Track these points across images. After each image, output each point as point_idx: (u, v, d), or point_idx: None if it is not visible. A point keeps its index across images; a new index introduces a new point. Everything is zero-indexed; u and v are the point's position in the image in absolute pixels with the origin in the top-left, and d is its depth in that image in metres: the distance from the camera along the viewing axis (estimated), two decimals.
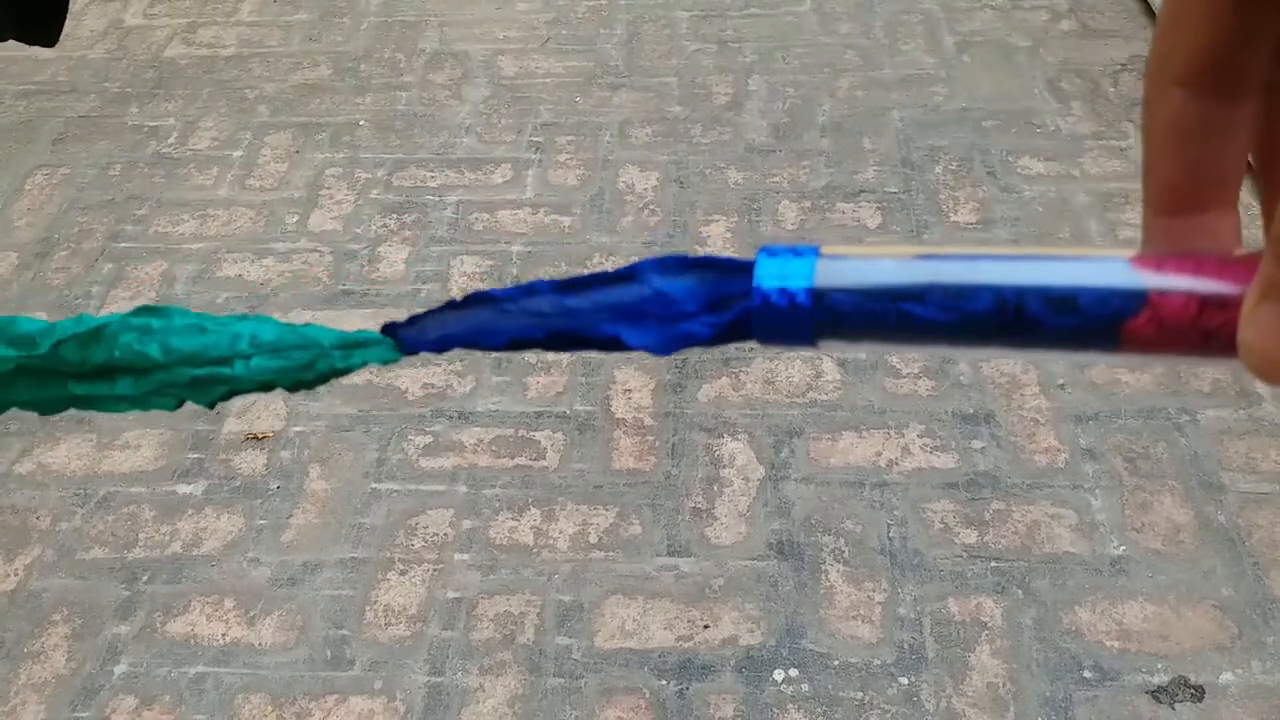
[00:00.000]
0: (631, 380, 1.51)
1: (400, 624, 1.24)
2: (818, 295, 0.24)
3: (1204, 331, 0.21)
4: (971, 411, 1.45)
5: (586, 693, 1.17)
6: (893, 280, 0.23)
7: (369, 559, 1.31)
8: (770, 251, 0.25)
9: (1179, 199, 0.24)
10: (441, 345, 0.28)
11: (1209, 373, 1.47)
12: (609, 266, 1.69)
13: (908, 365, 1.52)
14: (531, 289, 0.28)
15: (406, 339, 0.28)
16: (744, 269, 0.26)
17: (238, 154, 1.96)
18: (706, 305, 0.26)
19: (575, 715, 1.15)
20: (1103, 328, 0.22)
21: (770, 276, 0.25)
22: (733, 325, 0.26)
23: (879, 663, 1.18)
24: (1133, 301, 0.22)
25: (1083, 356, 0.23)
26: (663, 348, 0.26)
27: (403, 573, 1.29)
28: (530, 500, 1.37)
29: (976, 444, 1.41)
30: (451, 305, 0.28)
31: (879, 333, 0.24)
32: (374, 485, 1.39)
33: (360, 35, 2.27)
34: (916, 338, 0.24)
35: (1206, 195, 0.23)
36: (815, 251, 0.24)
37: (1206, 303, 0.21)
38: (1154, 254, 0.22)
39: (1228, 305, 0.21)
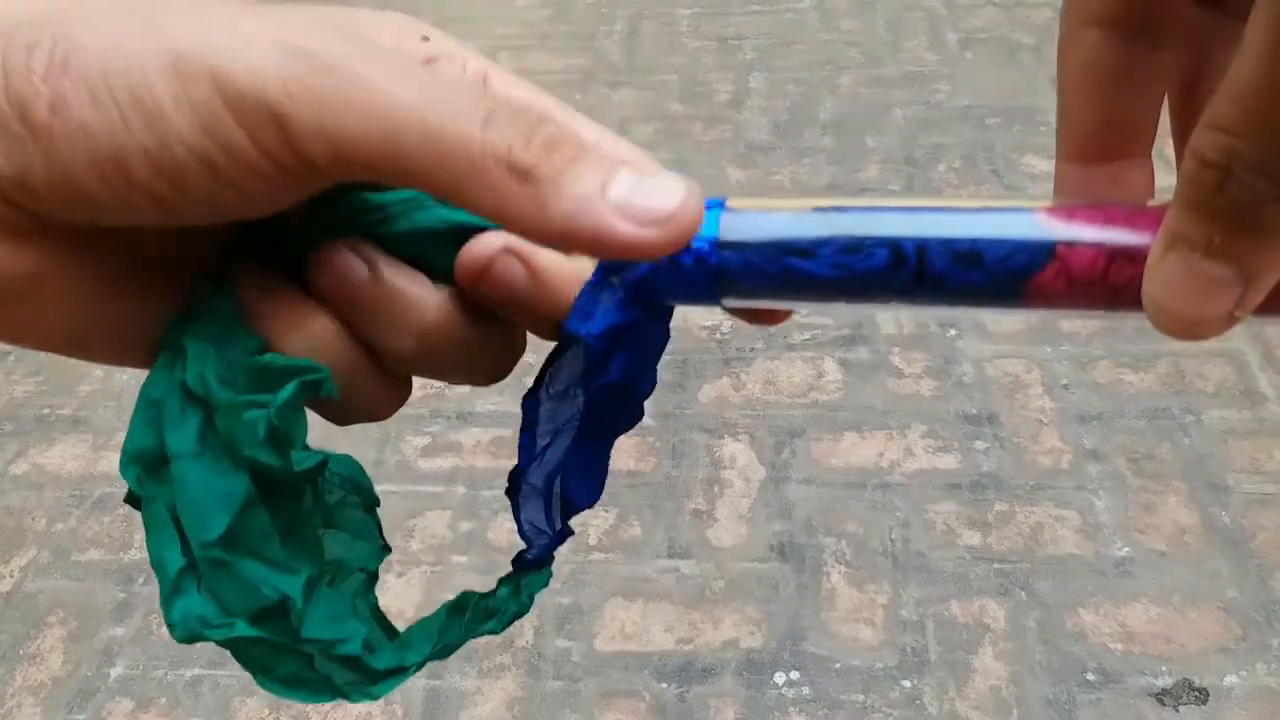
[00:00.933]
0: None
1: (398, 626, 1.23)
2: (720, 250, 0.22)
3: (1112, 286, 0.20)
4: (974, 412, 1.44)
5: (586, 696, 1.16)
6: (797, 234, 0.22)
7: None
8: None
9: (1091, 146, 0.23)
10: (558, 537, 0.27)
11: (1214, 373, 1.46)
12: None
13: (910, 365, 1.51)
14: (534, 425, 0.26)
15: (538, 556, 0.26)
16: None
17: None
18: (612, 274, 0.24)
19: (575, 718, 1.14)
20: (1007, 282, 0.21)
21: None
22: (639, 288, 0.23)
23: (881, 665, 1.17)
24: (1039, 255, 0.20)
25: (987, 312, 0.22)
26: (597, 337, 0.24)
27: (400, 575, 1.28)
28: None
29: (980, 445, 1.40)
30: (511, 498, 0.27)
31: (786, 289, 0.22)
32: None
33: None
34: (821, 294, 0.22)
35: (1119, 143, 0.23)
36: (720, 204, 0.23)
37: (1115, 255, 0.20)
38: (1064, 204, 0.21)
39: (1136, 258, 0.20)
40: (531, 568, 0.26)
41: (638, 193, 0.19)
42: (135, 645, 1.22)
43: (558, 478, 0.26)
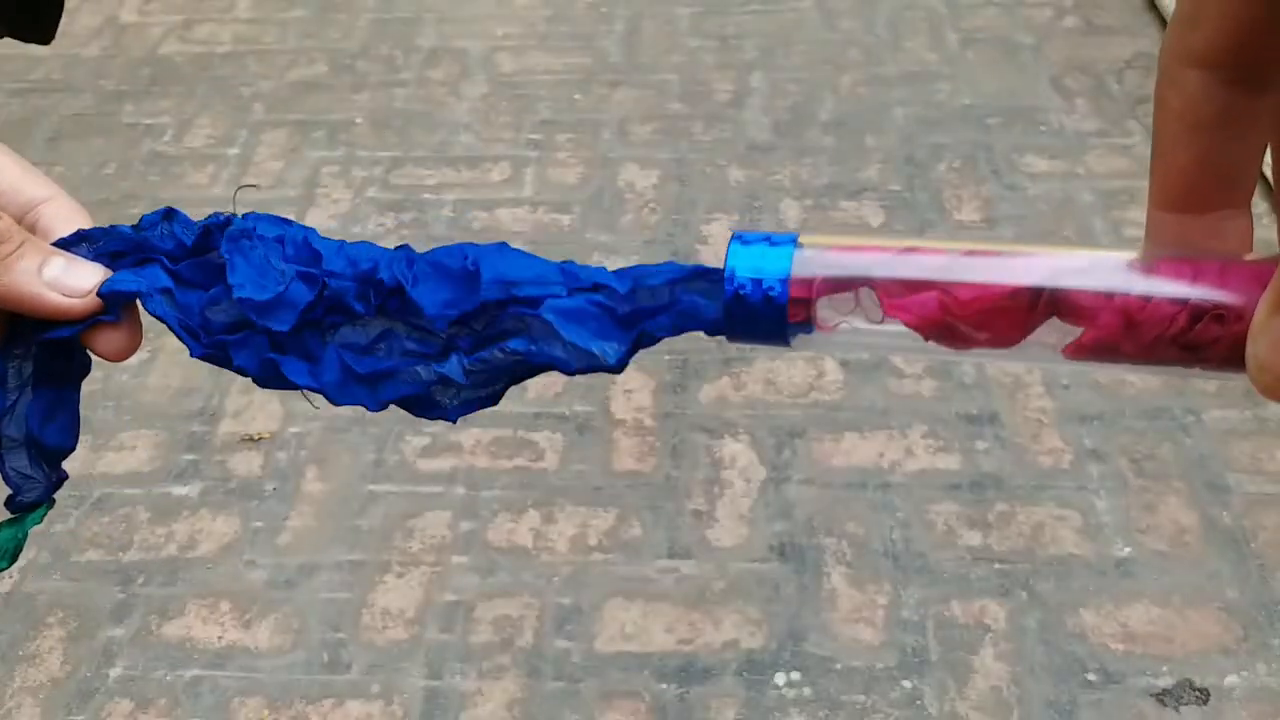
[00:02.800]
0: (631, 381, 1.50)
1: (398, 627, 1.23)
2: (791, 288, 0.22)
3: (1190, 344, 0.19)
4: (975, 412, 1.43)
5: (586, 696, 1.16)
6: (873, 275, 0.21)
7: (366, 561, 1.29)
8: (743, 239, 0.23)
9: (1187, 193, 0.22)
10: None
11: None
12: (609, 266, 1.68)
13: (911, 365, 1.51)
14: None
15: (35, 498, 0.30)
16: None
17: (233, 152, 1.95)
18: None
19: (575, 719, 1.14)
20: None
21: (744, 266, 0.22)
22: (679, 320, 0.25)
23: (882, 666, 1.17)
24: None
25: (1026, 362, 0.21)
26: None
27: (400, 575, 1.28)
28: (529, 502, 1.35)
29: (980, 445, 1.39)
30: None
31: (864, 336, 0.22)
32: (371, 487, 1.38)
33: (357, 32, 2.26)
34: (906, 341, 0.22)
35: (1217, 192, 0.22)
36: (793, 240, 0.22)
37: (1200, 313, 0.19)
38: (1150, 256, 0.20)
39: (1226, 317, 0.19)
40: (28, 509, 0.30)
41: (66, 274, 0.29)
42: (134, 646, 1.22)
43: (32, 427, 0.29)
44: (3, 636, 1.23)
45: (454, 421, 0.27)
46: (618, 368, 0.25)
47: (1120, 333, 0.20)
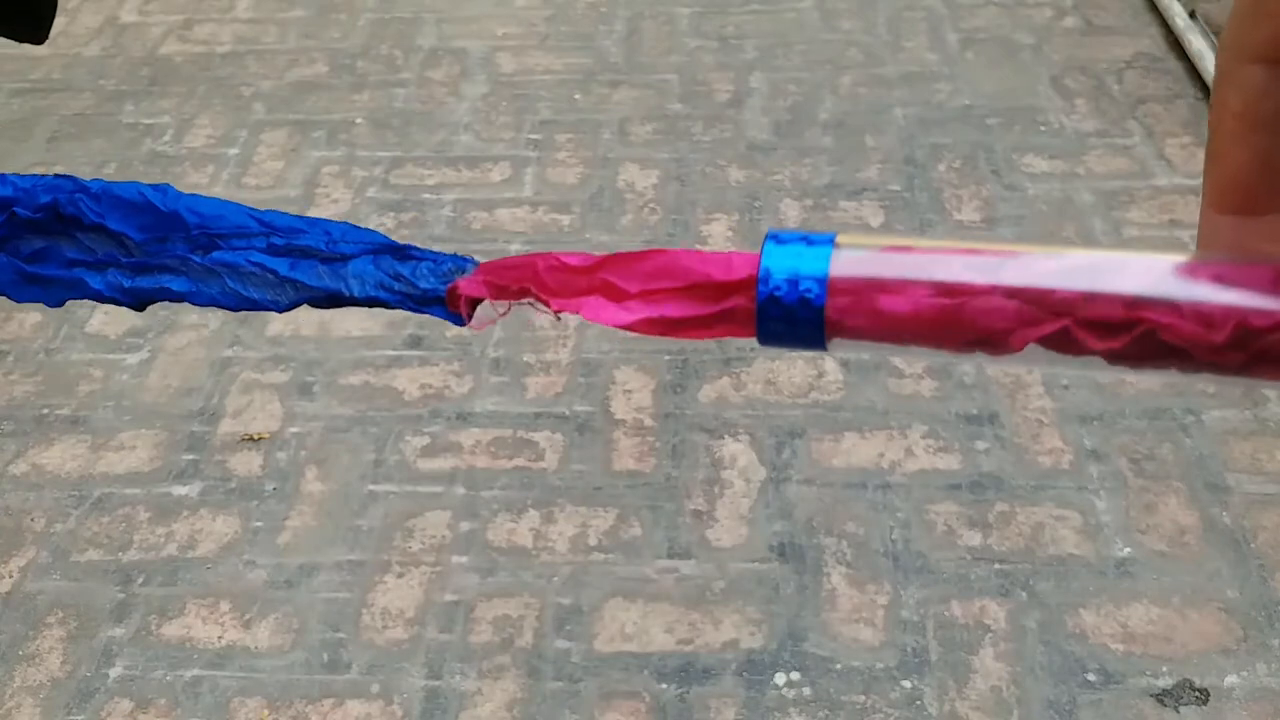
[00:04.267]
0: (631, 381, 1.50)
1: (397, 627, 1.23)
2: (829, 290, 0.21)
3: (1254, 352, 0.19)
4: (975, 412, 1.43)
5: (586, 696, 1.16)
6: (918, 276, 0.21)
7: (366, 561, 1.29)
8: (779, 238, 0.22)
9: (1244, 194, 0.21)
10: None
11: None
12: None
13: (911, 365, 1.50)
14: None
15: None
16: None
17: (233, 152, 1.95)
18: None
19: (575, 719, 1.14)
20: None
21: (779, 267, 0.22)
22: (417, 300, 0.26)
23: (882, 666, 1.17)
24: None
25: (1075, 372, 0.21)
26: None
27: (400, 575, 1.28)
28: (529, 502, 1.35)
29: (980, 445, 1.39)
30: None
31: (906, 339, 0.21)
32: (371, 487, 1.38)
33: (357, 32, 2.26)
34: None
35: (1275, 192, 0.21)
36: (830, 240, 0.22)
37: (1253, 320, 0.19)
38: (1202, 260, 0.19)
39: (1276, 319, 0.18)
40: None
41: None
42: (134, 646, 1.22)
43: None
44: (3, 636, 1.23)
45: (140, 310, 0.29)
46: (285, 310, 0.27)
47: (1176, 342, 0.19)
